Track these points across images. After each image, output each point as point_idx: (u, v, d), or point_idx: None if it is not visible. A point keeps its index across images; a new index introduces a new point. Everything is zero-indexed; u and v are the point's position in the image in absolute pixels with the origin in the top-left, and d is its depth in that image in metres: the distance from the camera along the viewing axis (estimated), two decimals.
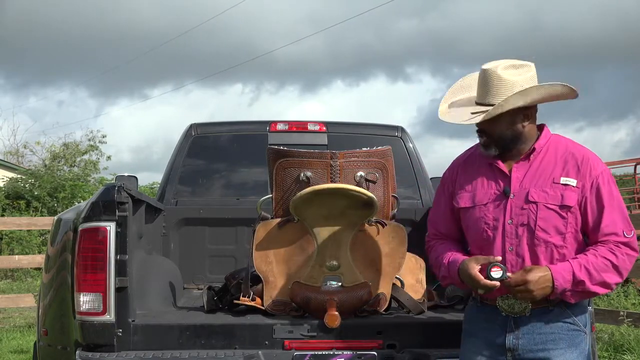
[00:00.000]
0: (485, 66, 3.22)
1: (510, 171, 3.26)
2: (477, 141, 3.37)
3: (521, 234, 3.18)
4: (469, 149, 3.52)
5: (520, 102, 3.14)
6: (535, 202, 3.16)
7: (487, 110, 3.16)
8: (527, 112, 3.21)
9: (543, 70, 3.30)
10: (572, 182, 3.15)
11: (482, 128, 3.26)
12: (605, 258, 3.07)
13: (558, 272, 3.05)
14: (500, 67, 3.18)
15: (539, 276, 3.03)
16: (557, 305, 3.13)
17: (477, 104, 3.25)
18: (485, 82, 3.21)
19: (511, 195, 3.22)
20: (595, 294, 3.12)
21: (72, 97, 64.28)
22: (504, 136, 3.23)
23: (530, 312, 3.13)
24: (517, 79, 3.16)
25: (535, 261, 3.14)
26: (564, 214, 3.13)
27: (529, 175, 3.22)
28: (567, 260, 3.10)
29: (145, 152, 56.42)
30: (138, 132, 66.05)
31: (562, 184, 3.15)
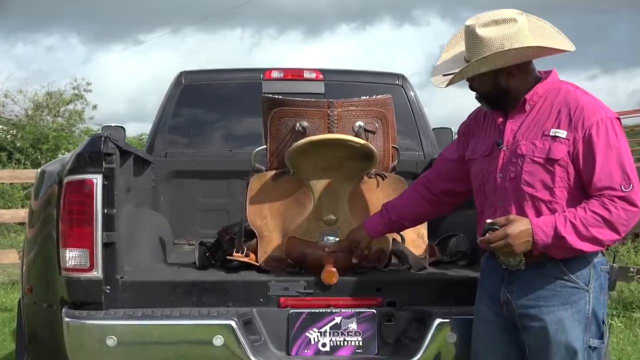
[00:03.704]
0: (467, 22, 3.22)
1: (505, 123, 3.27)
2: None
3: (509, 188, 3.18)
4: None
5: (482, 69, 3.16)
6: (522, 155, 3.15)
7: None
8: (509, 69, 3.19)
9: (555, 15, 3.27)
10: (562, 133, 3.09)
11: (470, 84, 3.30)
12: (596, 213, 2.98)
13: (538, 227, 3.01)
14: (479, 24, 3.15)
15: (519, 230, 3.00)
16: (551, 259, 3.09)
17: (466, 60, 3.26)
18: (466, 39, 3.23)
19: (504, 148, 3.23)
20: (582, 251, 3.03)
21: (60, 42, 63.55)
22: (489, 93, 3.28)
23: (524, 266, 3.10)
24: (495, 35, 3.11)
25: (522, 216, 3.10)
26: (550, 167, 3.08)
27: (523, 127, 3.21)
28: (553, 215, 3.05)
29: (138, 101, 55.84)
30: (131, 80, 65.33)
31: (552, 136, 3.10)
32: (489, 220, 3.11)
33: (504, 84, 3.22)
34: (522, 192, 3.14)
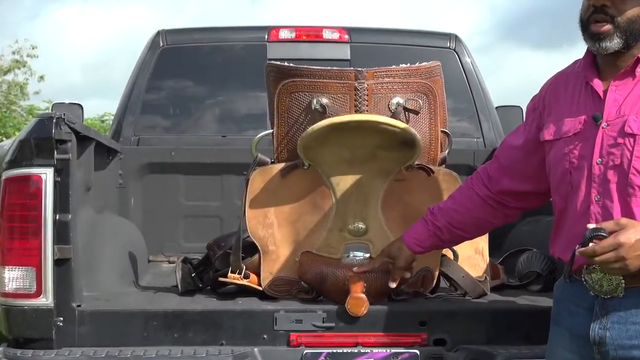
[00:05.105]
0: None
1: (605, 92, 3.19)
2: (573, 59, 3.33)
3: (612, 178, 3.10)
4: (562, 70, 3.50)
5: None
6: (633, 135, 3.06)
7: None
8: None
9: None
10: None
11: (605, 5, 3.13)
12: None
13: None
14: None
15: (635, 238, 2.87)
16: None
17: None
18: None
19: (603, 124, 3.15)
20: None
21: None
22: (633, 20, 3.13)
23: (623, 292, 3.03)
24: None
25: (629, 217, 3.00)
26: None
27: (631, 97, 3.13)
28: None
29: (101, 70, 56.02)
30: (91, 43, 65.49)
31: None
32: (591, 225, 2.97)
33: None
34: (630, 184, 3.06)
